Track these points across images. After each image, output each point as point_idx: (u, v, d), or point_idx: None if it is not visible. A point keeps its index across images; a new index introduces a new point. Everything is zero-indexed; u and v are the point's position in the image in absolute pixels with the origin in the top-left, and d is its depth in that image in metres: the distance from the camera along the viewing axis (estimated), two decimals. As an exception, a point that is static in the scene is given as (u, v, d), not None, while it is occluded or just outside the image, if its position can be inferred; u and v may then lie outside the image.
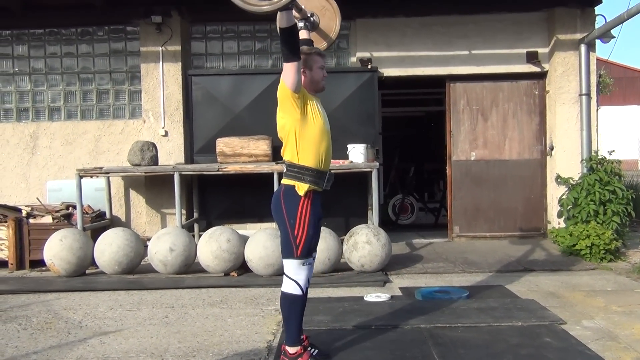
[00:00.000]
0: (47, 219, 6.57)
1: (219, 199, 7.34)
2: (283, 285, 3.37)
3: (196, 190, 7.38)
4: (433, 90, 9.06)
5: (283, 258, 3.38)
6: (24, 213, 6.61)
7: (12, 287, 5.58)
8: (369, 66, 7.46)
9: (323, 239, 5.49)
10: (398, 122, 10.78)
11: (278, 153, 6.85)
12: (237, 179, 6.95)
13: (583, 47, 7.23)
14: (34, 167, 7.64)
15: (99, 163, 7.43)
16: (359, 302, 4.78)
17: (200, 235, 6.42)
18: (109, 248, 5.85)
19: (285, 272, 3.36)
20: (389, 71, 7.57)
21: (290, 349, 3.37)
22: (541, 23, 7.57)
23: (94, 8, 7.37)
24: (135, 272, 5.98)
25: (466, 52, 7.54)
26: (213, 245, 5.70)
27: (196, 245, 5.94)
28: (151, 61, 7.50)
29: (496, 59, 7.54)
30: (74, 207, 6.64)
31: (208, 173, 6.69)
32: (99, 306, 4.92)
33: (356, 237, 5.79)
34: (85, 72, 7.79)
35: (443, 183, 9.47)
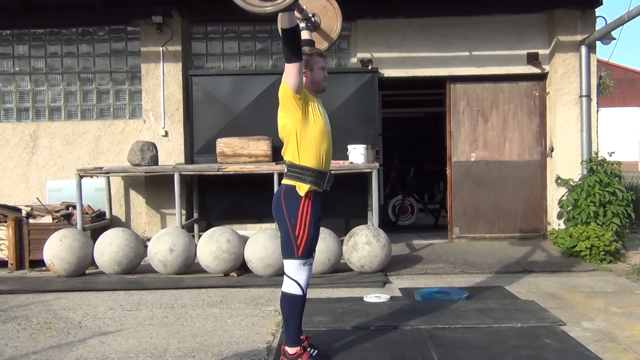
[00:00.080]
0: (47, 219, 6.57)
1: (219, 200, 7.34)
2: (283, 285, 3.37)
3: (196, 190, 7.39)
4: (433, 91, 9.07)
5: (284, 258, 3.38)
6: (24, 213, 6.61)
7: (12, 287, 5.58)
8: (370, 67, 7.46)
9: (323, 240, 5.50)
10: (398, 123, 10.78)
11: (278, 153, 6.83)
12: (237, 180, 6.95)
13: (583, 49, 7.24)
14: (34, 167, 7.64)
15: (99, 163, 7.43)
16: (359, 303, 4.78)
17: (200, 235, 6.42)
18: (109, 248, 5.85)
19: (285, 273, 3.36)
20: (389, 72, 7.57)
21: (289, 350, 3.37)
22: (542, 24, 7.57)
23: (95, 8, 7.38)
24: (135, 272, 5.98)
25: (466, 53, 7.55)
26: (213, 245, 5.70)
27: (196, 245, 5.93)
28: (152, 61, 7.50)
29: (496, 60, 7.55)
30: (74, 207, 6.64)
31: (208, 173, 6.70)
32: (99, 306, 4.92)
33: (356, 238, 5.79)
34: (85, 72, 7.79)
35: (443, 184, 9.47)
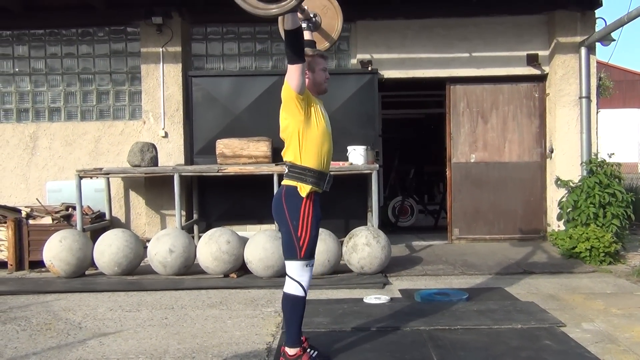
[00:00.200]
0: (47, 220, 6.57)
1: (219, 201, 7.34)
2: (285, 286, 3.36)
3: (196, 191, 7.38)
4: (433, 92, 9.07)
5: (286, 259, 3.37)
6: (24, 214, 6.61)
7: (12, 288, 5.57)
8: (369, 68, 7.46)
9: (323, 241, 5.50)
10: (398, 124, 10.79)
11: (278, 154, 6.82)
12: (237, 181, 6.95)
13: (583, 50, 7.24)
14: (34, 168, 7.64)
15: (99, 164, 7.43)
16: (359, 304, 4.78)
17: (199, 236, 6.42)
18: (109, 249, 5.85)
19: (288, 274, 3.36)
20: (389, 73, 7.57)
21: (289, 351, 3.37)
22: (541, 26, 7.57)
23: (95, 9, 7.39)
24: (134, 274, 5.97)
25: (466, 55, 7.56)
26: (213, 246, 5.70)
27: (196, 246, 5.93)
28: (151, 62, 7.50)
29: (496, 62, 7.56)
30: (74, 208, 6.63)
31: (208, 174, 6.69)
32: (99, 307, 4.91)
33: (356, 239, 5.79)
34: (85, 73, 7.79)
35: (443, 185, 9.48)
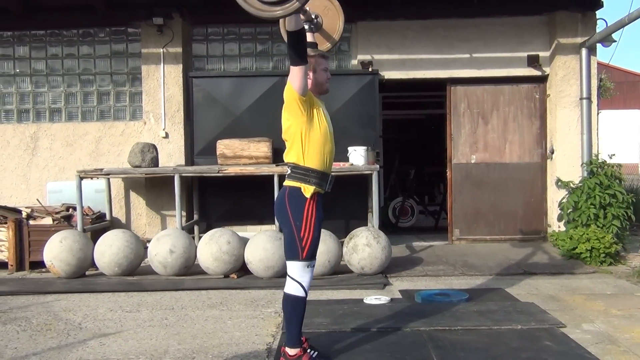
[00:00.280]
0: (47, 221, 6.57)
1: (219, 201, 7.34)
2: (286, 286, 3.37)
3: (196, 192, 7.38)
4: (434, 93, 9.06)
5: (287, 260, 3.38)
6: (24, 214, 6.61)
7: (12, 289, 5.58)
8: (370, 69, 7.46)
9: (323, 242, 5.49)
10: (399, 125, 10.78)
11: (278, 155, 6.82)
12: (238, 181, 6.95)
13: (584, 51, 7.24)
14: (35, 169, 7.65)
15: (100, 164, 7.43)
16: (359, 305, 4.78)
17: (200, 237, 6.42)
18: (109, 250, 5.85)
19: (289, 274, 3.36)
20: (390, 74, 7.57)
21: (290, 351, 3.37)
22: (542, 27, 7.57)
23: (96, 10, 7.39)
24: (135, 274, 5.98)
25: (467, 56, 7.56)
26: (213, 247, 5.70)
27: (196, 247, 5.93)
28: (152, 63, 7.51)
29: (497, 63, 7.56)
30: (74, 209, 6.63)
31: (208, 175, 6.70)
32: (99, 308, 4.91)
33: (356, 240, 5.79)
34: (86, 74, 7.79)
35: (443, 186, 9.47)
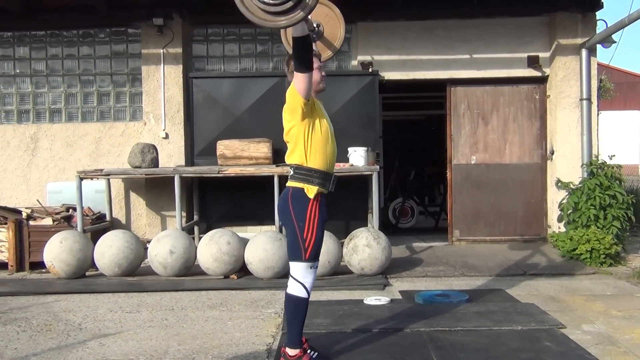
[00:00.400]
0: (47, 221, 6.57)
1: (219, 202, 7.34)
2: (288, 287, 3.37)
3: (196, 192, 7.38)
4: (434, 94, 9.06)
5: (290, 260, 3.38)
6: (24, 215, 6.61)
7: (12, 289, 5.57)
8: (370, 69, 7.46)
9: (323, 242, 5.45)
10: (399, 126, 10.78)
11: (278, 155, 6.83)
12: (238, 182, 6.95)
13: (584, 52, 7.24)
14: (35, 169, 7.64)
15: (100, 165, 7.43)
16: (359, 306, 4.78)
17: (200, 237, 6.42)
18: (109, 250, 5.85)
19: (291, 275, 3.36)
20: (390, 75, 7.57)
21: (290, 352, 3.38)
22: (542, 28, 7.57)
23: (96, 10, 7.39)
24: (135, 275, 5.97)
25: (467, 56, 7.56)
26: (213, 247, 5.70)
27: (196, 247, 5.93)
28: (152, 63, 7.51)
29: (497, 63, 7.55)
30: (74, 209, 6.63)
31: (208, 175, 6.69)
32: (99, 308, 4.91)
33: (356, 240, 5.79)
34: (86, 74, 7.79)
35: (443, 187, 9.47)
